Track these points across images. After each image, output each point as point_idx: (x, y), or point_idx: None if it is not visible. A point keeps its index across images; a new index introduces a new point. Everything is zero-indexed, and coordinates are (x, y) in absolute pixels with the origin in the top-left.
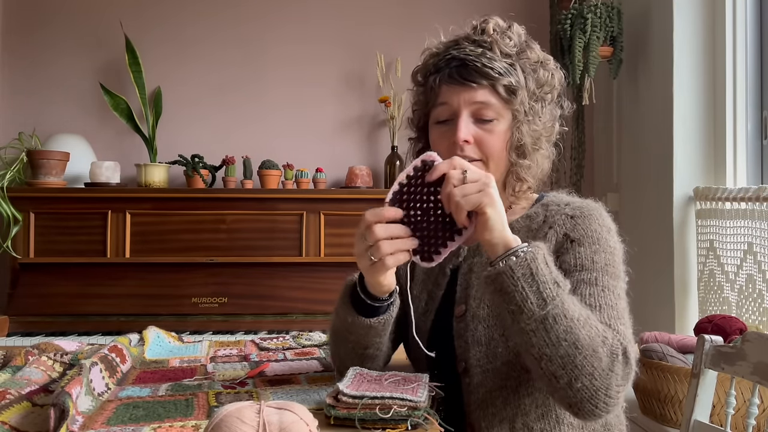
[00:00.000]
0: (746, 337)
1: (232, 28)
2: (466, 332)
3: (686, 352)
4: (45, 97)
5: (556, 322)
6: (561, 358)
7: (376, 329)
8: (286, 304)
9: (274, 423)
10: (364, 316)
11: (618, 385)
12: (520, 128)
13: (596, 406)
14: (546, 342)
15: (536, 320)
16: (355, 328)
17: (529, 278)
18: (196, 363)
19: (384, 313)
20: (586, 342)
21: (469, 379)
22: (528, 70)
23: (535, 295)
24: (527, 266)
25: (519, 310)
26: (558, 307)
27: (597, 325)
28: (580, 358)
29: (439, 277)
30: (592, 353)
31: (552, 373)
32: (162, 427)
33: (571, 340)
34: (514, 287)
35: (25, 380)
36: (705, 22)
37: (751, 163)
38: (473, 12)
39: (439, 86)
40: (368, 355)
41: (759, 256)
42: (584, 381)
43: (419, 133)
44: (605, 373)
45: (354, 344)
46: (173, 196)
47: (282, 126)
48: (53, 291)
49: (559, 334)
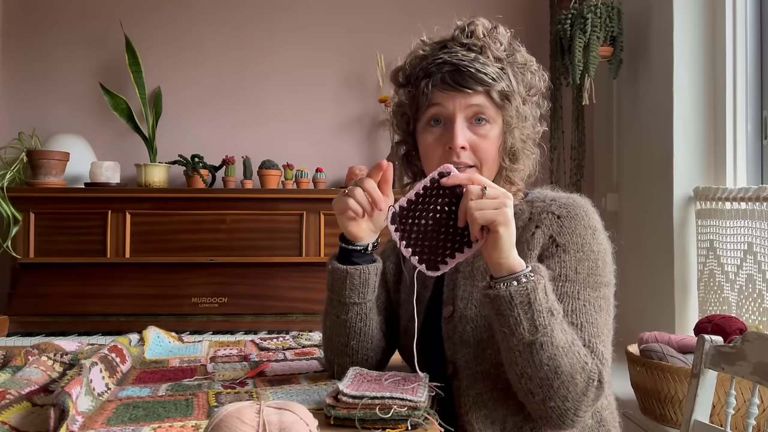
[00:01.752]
0: (746, 337)
1: (232, 28)
2: (455, 333)
3: (686, 352)
4: (45, 97)
5: (542, 349)
6: (540, 379)
7: (353, 280)
8: (286, 304)
9: (274, 423)
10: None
11: (587, 405)
12: (513, 132)
13: (563, 422)
14: (529, 363)
15: (524, 344)
16: (335, 278)
17: (525, 306)
18: (196, 363)
19: (359, 265)
20: (566, 369)
21: (458, 382)
22: (518, 73)
23: (528, 322)
24: (526, 295)
25: (510, 333)
26: (547, 335)
27: (579, 350)
28: (558, 383)
29: (426, 279)
30: (569, 379)
31: (530, 390)
32: (162, 427)
33: (552, 366)
34: (509, 312)
35: (25, 380)
36: (705, 22)
37: (751, 163)
38: (474, 12)
39: (432, 91)
40: (351, 325)
41: (759, 256)
42: (557, 402)
43: (405, 137)
44: (578, 396)
45: (337, 308)
46: (173, 196)
47: (282, 126)
48: (53, 291)
49: (542, 360)
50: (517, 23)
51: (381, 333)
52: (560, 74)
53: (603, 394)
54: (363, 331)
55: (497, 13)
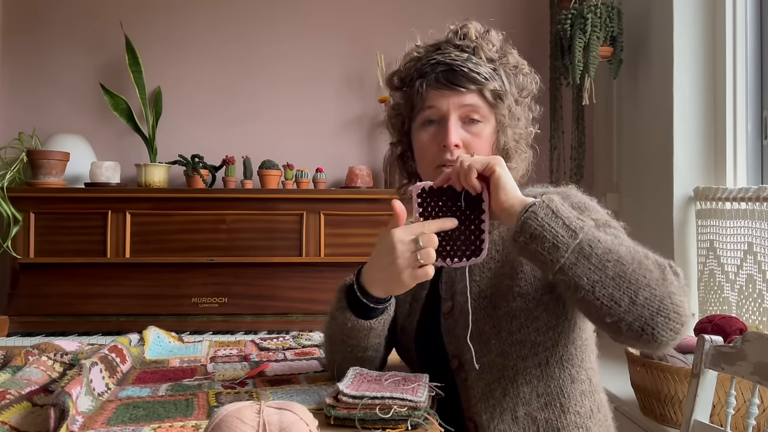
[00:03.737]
0: (746, 337)
1: (233, 28)
2: (456, 328)
3: (686, 352)
4: (45, 97)
5: (592, 247)
6: (612, 279)
7: (376, 330)
8: (286, 304)
9: (274, 423)
10: (363, 318)
11: (678, 295)
12: (505, 132)
13: (668, 317)
14: (591, 268)
15: (573, 251)
16: (355, 332)
17: (552, 217)
18: (196, 363)
19: (383, 313)
20: (629, 257)
21: (465, 374)
22: (510, 74)
23: (563, 229)
24: (547, 207)
25: (554, 248)
26: (589, 234)
27: (631, 245)
28: (630, 272)
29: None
30: (639, 266)
31: (610, 297)
32: (162, 427)
33: (614, 259)
34: (541, 228)
35: (25, 380)
36: (705, 22)
37: (751, 163)
38: (474, 12)
39: (426, 90)
40: (368, 358)
41: (759, 256)
42: (644, 293)
43: (401, 137)
44: (660, 282)
45: (353, 347)
46: (173, 196)
47: (282, 126)
48: (53, 291)
49: (600, 257)
50: (518, 23)
51: (386, 342)
52: (560, 74)
53: (687, 289)
54: (375, 358)
55: (498, 13)
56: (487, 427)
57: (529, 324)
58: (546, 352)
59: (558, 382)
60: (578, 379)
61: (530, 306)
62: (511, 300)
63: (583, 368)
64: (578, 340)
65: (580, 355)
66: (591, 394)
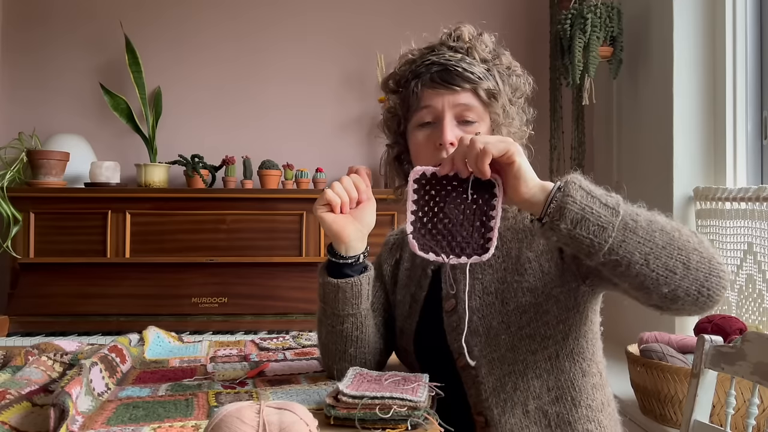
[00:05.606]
0: (746, 337)
1: (233, 28)
2: (461, 325)
3: (686, 352)
4: (45, 97)
5: (635, 221)
6: (662, 248)
7: (345, 293)
8: (286, 304)
9: (274, 423)
10: (333, 277)
11: (716, 254)
12: (500, 131)
13: (720, 276)
14: (640, 241)
15: (619, 228)
16: (328, 294)
17: (589, 198)
18: (196, 363)
19: (351, 277)
20: (669, 226)
21: (475, 371)
22: (503, 75)
23: (602, 208)
24: (579, 188)
25: (600, 229)
26: (626, 208)
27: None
28: (677, 238)
29: (421, 279)
30: (679, 232)
31: (665, 266)
32: (162, 427)
33: (658, 228)
34: (582, 211)
35: (25, 380)
36: (705, 22)
37: (751, 163)
38: (474, 12)
39: (422, 90)
40: (348, 334)
41: (759, 256)
42: (695, 257)
43: (397, 138)
44: (700, 243)
45: (331, 319)
46: (173, 196)
47: (282, 126)
48: (53, 291)
49: (645, 228)
50: (518, 23)
51: (379, 335)
52: (560, 74)
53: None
54: (360, 339)
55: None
56: (498, 421)
57: (539, 318)
58: (556, 345)
59: (569, 375)
60: (589, 373)
61: (540, 300)
62: (521, 296)
63: (594, 361)
64: (589, 333)
65: (591, 348)
66: (602, 387)
